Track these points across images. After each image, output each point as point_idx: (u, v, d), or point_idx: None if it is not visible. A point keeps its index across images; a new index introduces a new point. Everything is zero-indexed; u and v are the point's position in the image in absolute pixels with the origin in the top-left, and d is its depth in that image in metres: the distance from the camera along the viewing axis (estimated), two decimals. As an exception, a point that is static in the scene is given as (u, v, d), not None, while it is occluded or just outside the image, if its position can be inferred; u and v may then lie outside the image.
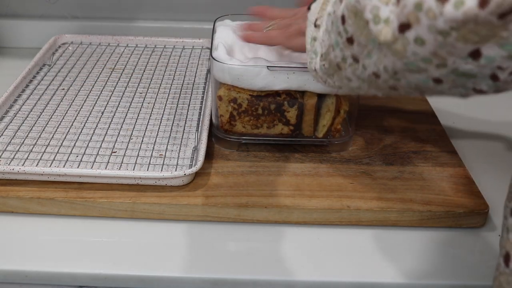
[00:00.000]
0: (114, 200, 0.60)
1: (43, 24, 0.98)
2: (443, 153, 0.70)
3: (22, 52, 0.97)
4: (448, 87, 0.41)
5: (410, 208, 0.60)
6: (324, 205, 0.60)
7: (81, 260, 0.56)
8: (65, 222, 0.60)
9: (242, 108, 0.66)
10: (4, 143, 0.67)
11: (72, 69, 0.85)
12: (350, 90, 0.51)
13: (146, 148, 0.67)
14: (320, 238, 0.59)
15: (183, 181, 0.61)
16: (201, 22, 0.99)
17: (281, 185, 0.63)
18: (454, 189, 0.63)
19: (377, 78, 0.44)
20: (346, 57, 0.46)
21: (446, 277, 0.55)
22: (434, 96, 0.46)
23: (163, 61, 0.89)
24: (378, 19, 0.40)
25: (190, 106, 0.76)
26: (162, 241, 0.58)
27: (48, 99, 0.77)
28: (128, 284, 0.55)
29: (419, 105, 0.81)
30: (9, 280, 0.56)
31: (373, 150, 0.70)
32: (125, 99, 0.77)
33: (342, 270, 0.56)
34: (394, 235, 0.60)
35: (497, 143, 0.76)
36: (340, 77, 0.50)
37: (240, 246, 0.58)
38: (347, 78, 0.48)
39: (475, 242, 0.60)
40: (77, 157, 0.65)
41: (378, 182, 0.64)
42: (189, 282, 0.55)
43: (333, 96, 0.65)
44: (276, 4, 0.68)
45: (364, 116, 0.76)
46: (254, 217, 0.60)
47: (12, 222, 0.60)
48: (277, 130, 0.68)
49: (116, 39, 0.93)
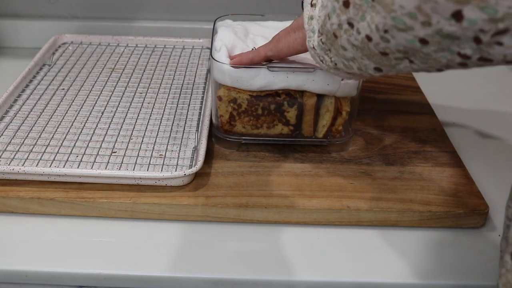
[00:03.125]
0: (114, 200, 0.60)
1: (43, 24, 0.98)
2: (443, 153, 0.70)
3: (22, 52, 0.97)
4: (434, 49, 0.42)
5: (410, 208, 0.60)
6: (324, 205, 0.60)
7: (81, 260, 0.56)
8: (65, 222, 0.60)
9: (242, 108, 0.66)
10: (4, 143, 0.67)
11: (72, 69, 0.85)
12: (344, 66, 0.53)
13: (146, 148, 0.67)
14: (320, 238, 0.59)
15: (183, 181, 0.62)
16: (201, 22, 0.99)
17: (281, 185, 0.63)
18: (454, 189, 0.63)
19: (369, 41, 0.46)
20: (342, 22, 0.48)
21: (446, 277, 0.55)
22: (420, 67, 0.46)
23: (163, 61, 0.89)
24: None
25: (190, 106, 0.76)
26: (162, 241, 0.58)
27: (48, 99, 0.77)
28: (128, 284, 0.55)
29: (419, 105, 0.81)
30: (9, 280, 0.56)
31: (373, 150, 0.70)
32: (125, 99, 0.77)
33: (342, 270, 0.56)
34: (394, 235, 0.60)
35: (497, 143, 0.76)
36: (336, 49, 0.51)
37: (240, 246, 0.58)
38: (342, 47, 0.50)
39: (475, 242, 0.60)
40: (77, 157, 0.65)
41: (378, 182, 0.64)
42: (189, 282, 0.55)
43: (332, 97, 0.65)
44: (275, 4, 0.68)
45: (364, 116, 0.76)
46: (254, 217, 0.60)
47: (12, 222, 0.60)
48: (277, 130, 0.68)
49: (116, 39, 0.93)
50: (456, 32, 0.39)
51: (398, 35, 0.43)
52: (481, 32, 0.38)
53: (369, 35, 0.45)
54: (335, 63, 0.54)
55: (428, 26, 0.40)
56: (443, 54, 0.43)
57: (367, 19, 0.45)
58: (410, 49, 0.44)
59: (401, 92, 0.84)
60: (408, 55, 0.45)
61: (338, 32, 0.49)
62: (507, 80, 0.95)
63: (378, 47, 0.46)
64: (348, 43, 0.49)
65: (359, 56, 0.49)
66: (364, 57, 0.49)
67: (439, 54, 0.43)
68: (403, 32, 0.42)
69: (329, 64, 0.55)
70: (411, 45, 0.43)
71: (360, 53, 0.49)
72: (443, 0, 0.38)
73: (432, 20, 0.39)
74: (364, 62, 0.50)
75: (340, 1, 0.48)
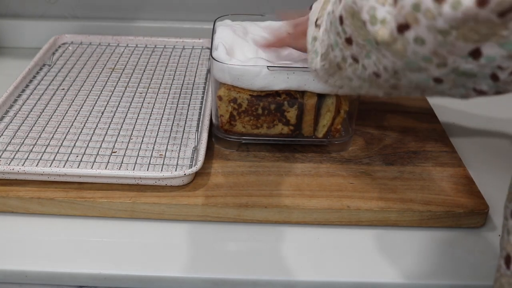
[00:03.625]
0: (114, 200, 0.60)
1: (43, 24, 0.98)
2: (443, 153, 0.70)
3: (22, 52, 0.97)
4: (448, 87, 0.41)
5: (410, 208, 0.60)
6: (324, 205, 0.60)
7: (81, 260, 0.56)
8: (65, 222, 0.60)
9: (242, 108, 0.66)
10: (4, 143, 0.67)
11: (72, 69, 0.85)
12: (351, 89, 0.52)
13: (146, 148, 0.67)
14: (320, 238, 0.59)
15: (183, 181, 0.61)
16: (201, 22, 0.99)
17: (281, 185, 0.63)
18: (454, 189, 0.63)
19: (377, 77, 0.44)
20: (346, 57, 0.47)
21: (446, 277, 0.55)
22: (434, 96, 0.46)
23: (163, 61, 0.89)
24: (374, 19, 0.40)
25: (190, 106, 0.76)
26: (162, 241, 0.58)
27: (48, 99, 0.77)
28: (128, 284, 0.55)
29: (419, 105, 0.81)
30: (9, 280, 0.56)
31: (373, 150, 0.70)
32: (125, 99, 0.77)
33: (342, 270, 0.56)
34: (394, 235, 0.60)
35: (497, 143, 0.76)
36: (341, 77, 0.50)
37: (240, 246, 0.58)
38: (348, 77, 0.49)
39: (475, 242, 0.60)
40: (77, 157, 0.65)
41: (378, 182, 0.64)
42: (189, 282, 0.55)
43: (333, 96, 0.65)
44: (275, 4, 0.68)
45: (364, 116, 0.76)
46: (254, 217, 0.60)
47: (12, 222, 0.60)
48: (277, 130, 0.68)
49: (116, 39, 0.93)
50: (472, 69, 0.38)
51: (411, 75, 0.41)
52: (499, 69, 0.37)
53: (377, 72, 0.44)
54: (340, 86, 0.53)
55: (444, 67, 0.38)
56: (458, 91, 0.41)
57: (373, 59, 0.43)
58: (424, 86, 0.42)
59: (401, 92, 0.84)
60: (421, 90, 0.44)
61: (342, 65, 0.48)
62: (507, 80, 0.95)
63: (388, 82, 0.44)
64: (354, 75, 0.47)
65: (366, 86, 0.48)
66: (372, 87, 0.48)
67: (453, 90, 0.41)
68: (417, 73, 0.40)
69: (334, 85, 0.54)
70: (424, 83, 0.42)
71: (367, 84, 0.47)
72: (462, 43, 0.36)
73: (448, 61, 0.38)
74: (373, 91, 0.48)
75: (342, 37, 0.46)
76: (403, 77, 0.42)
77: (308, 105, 0.66)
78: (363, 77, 0.46)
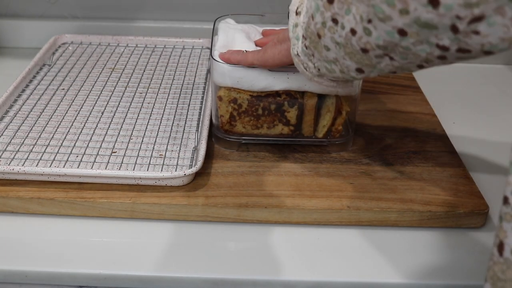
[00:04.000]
0: (114, 200, 0.60)
1: (43, 24, 0.98)
2: (443, 153, 0.70)
3: (22, 52, 0.97)
4: (412, 41, 0.43)
5: (410, 208, 0.60)
6: (324, 205, 0.60)
7: (81, 260, 0.56)
8: (65, 222, 0.60)
9: (242, 108, 0.66)
10: (4, 143, 0.67)
11: (72, 69, 0.85)
12: (327, 70, 0.54)
13: (146, 148, 0.67)
14: (320, 238, 0.59)
15: (183, 181, 0.62)
16: (201, 22, 0.99)
17: (281, 185, 0.63)
18: (454, 189, 0.63)
19: (353, 35, 0.47)
20: (326, 20, 0.49)
21: (446, 277, 0.55)
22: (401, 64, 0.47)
23: (163, 61, 0.89)
24: None
25: (190, 106, 0.76)
26: (162, 241, 0.58)
27: (48, 99, 0.77)
28: (128, 284, 0.55)
29: (419, 105, 0.81)
30: (9, 280, 0.56)
31: (373, 150, 0.70)
32: (125, 99, 0.77)
33: (342, 270, 0.56)
34: (394, 235, 0.60)
35: (497, 143, 0.76)
36: (319, 51, 0.52)
37: (240, 246, 0.58)
38: (326, 46, 0.51)
39: (475, 242, 0.60)
40: (77, 157, 0.65)
41: (378, 182, 0.64)
42: (189, 282, 0.55)
43: (333, 97, 0.65)
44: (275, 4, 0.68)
45: (364, 116, 0.76)
46: (254, 217, 0.60)
47: (12, 222, 0.60)
48: (277, 130, 0.68)
49: (116, 39, 0.93)
50: (433, 19, 0.40)
51: (379, 26, 0.44)
52: (458, 19, 0.39)
53: (353, 28, 0.46)
54: (318, 69, 0.55)
55: (406, 14, 0.41)
56: (422, 47, 0.43)
57: (353, 11, 0.46)
58: (390, 43, 0.44)
59: (401, 92, 0.84)
60: (388, 51, 0.46)
61: (321, 31, 0.50)
62: (507, 80, 0.95)
63: (360, 42, 0.47)
64: (332, 41, 0.50)
65: (341, 56, 0.50)
66: (346, 57, 0.50)
67: (418, 47, 0.44)
68: (383, 23, 0.43)
69: (313, 71, 0.56)
70: (390, 38, 0.44)
71: (342, 51, 0.50)
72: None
73: (410, 7, 0.40)
74: (346, 63, 0.51)
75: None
76: (373, 29, 0.44)
77: (308, 106, 0.66)
78: (340, 41, 0.49)
